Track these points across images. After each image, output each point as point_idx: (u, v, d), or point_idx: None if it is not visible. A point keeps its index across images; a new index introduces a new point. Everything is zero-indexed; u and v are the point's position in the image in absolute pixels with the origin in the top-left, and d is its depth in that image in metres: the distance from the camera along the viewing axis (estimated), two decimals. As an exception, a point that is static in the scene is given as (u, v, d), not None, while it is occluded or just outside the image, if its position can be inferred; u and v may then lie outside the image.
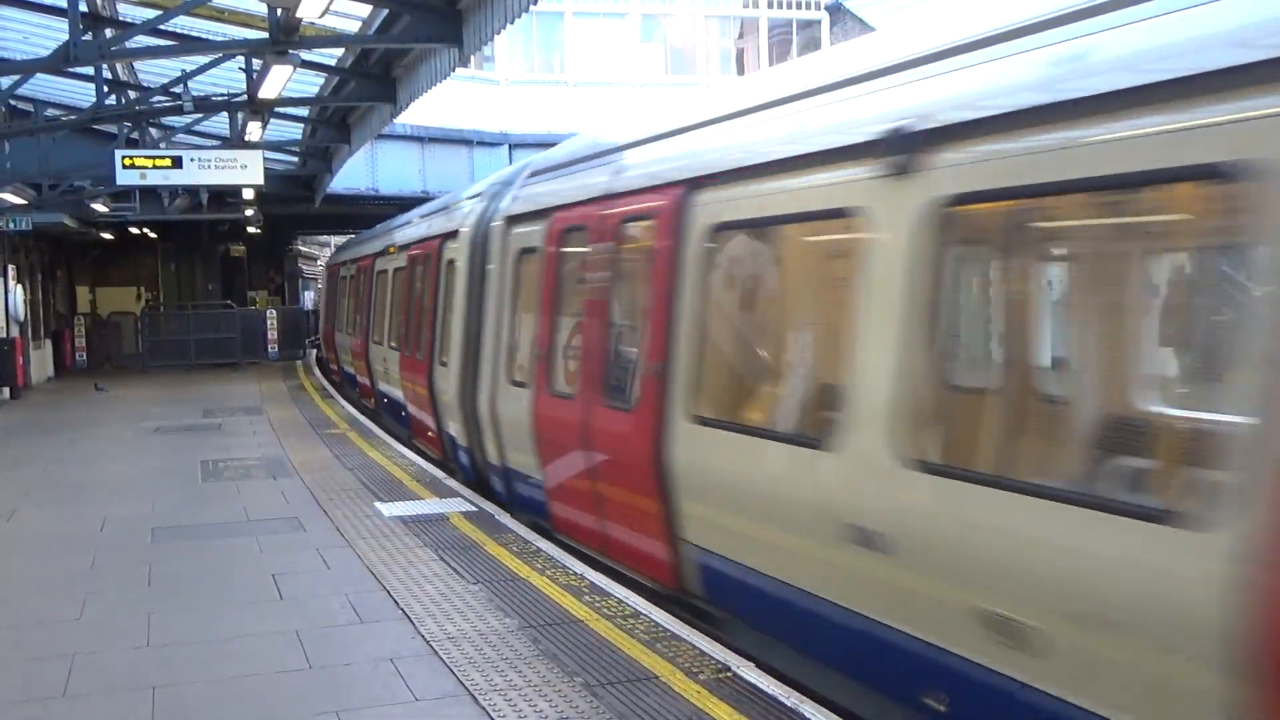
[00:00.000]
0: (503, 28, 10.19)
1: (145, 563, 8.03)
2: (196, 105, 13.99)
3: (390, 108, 14.88)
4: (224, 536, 8.87)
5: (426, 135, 29.34)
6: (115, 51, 11.11)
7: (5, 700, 5.35)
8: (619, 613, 6.47)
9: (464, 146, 30.47)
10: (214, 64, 13.82)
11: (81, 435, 15.74)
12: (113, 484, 11.63)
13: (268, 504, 10.19)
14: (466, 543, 8.32)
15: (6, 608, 7.00)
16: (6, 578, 7.79)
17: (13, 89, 14.51)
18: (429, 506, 9.80)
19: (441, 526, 8.93)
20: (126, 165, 14.61)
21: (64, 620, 6.65)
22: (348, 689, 5.37)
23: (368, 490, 10.66)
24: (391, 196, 30.08)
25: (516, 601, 6.72)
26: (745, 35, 34.13)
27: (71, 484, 11.75)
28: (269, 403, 19.51)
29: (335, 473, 11.77)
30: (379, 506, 9.81)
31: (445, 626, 6.25)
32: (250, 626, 6.42)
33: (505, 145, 31.10)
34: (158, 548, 8.57)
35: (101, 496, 10.88)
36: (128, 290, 32.44)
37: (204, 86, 15.45)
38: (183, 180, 15.17)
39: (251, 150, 15.51)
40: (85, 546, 8.65)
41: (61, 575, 7.79)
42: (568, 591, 6.94)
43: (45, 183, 20.33)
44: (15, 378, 20.75)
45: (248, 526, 9.23)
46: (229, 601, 6.96)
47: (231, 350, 28.70)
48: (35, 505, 10.56)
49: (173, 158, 14.81)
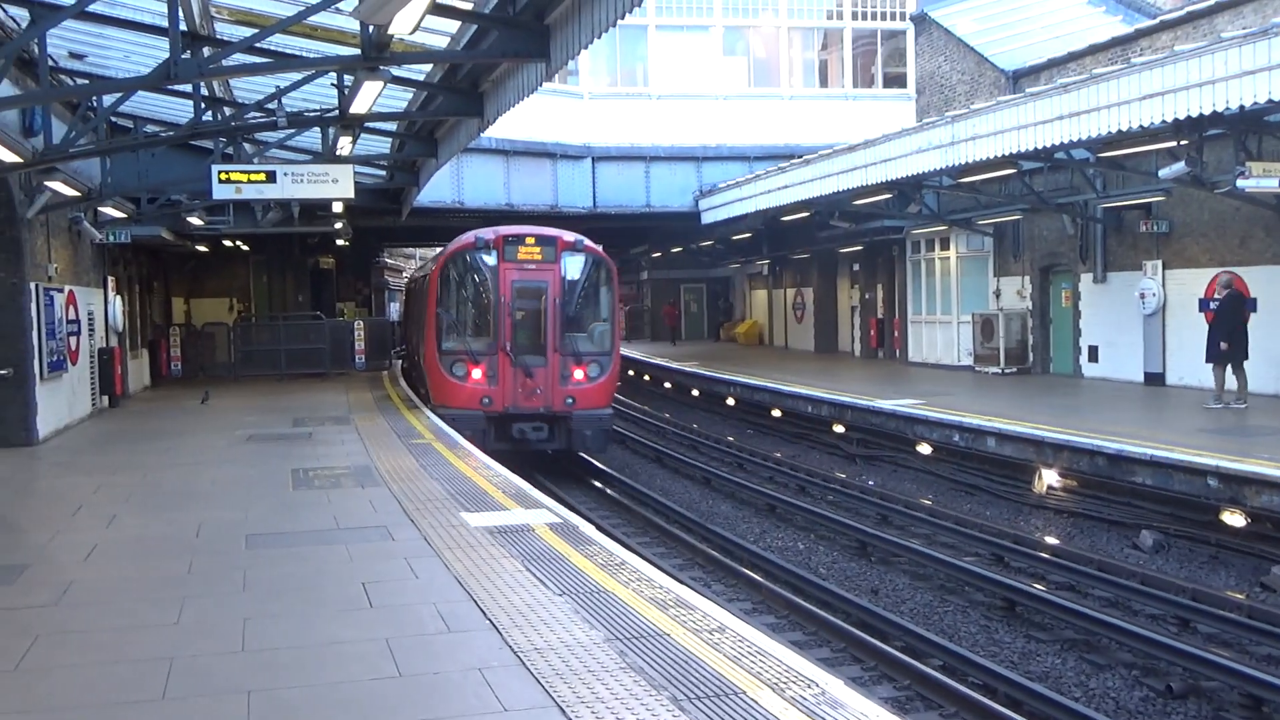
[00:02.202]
0: (589, 42, 10.26)
1: (240, 568, 8.20)
2: (290, 121, 14.25)
3: (478, 121, 15.05)
4: (315, 544, 9.03)
5: (511, 148, 29.65)
6: (213, 69, 11.39)
7: (107, 702, 5.50)
8: (704, 626, 6.45)
9: (547, 159, 30.73)
10: (307, 80, 14.11)
11: (177, 443, 16.15)
12: (208, 491, 11.91)
13: (357, 512, 10.35)
14: (552, 554, 8.36)
15: (108, 611, 7.21)
16: (108, 581, 8.02)
17: (114, 106, 14.96)
18: (514, 517, 9.87)
19: (527, 537, 8.99)
20: (222, 180, 14.93)
21: (163, 624, 6.82)
22: (438, 698, 5.42)
23: (454, 500, 10.77)
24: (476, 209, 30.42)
25: (602, 613, 6.74)
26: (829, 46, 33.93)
27: (169, 491, 12.05)
28: (357, 412, 19.82)
29: (422, 482, 11.92)
30: (465, 516, 9.90)
31: (532, 637, 6.28)
32: (342, 634, 6.52)
33: (588, 158, 31.31)
34: (252, 554, 8.75)
35: (197, 503, 11.15)
36: (221, 301, 33.24)
37: (297, 102, 15.76)
38: (276, 194, 15.48)
39: (342, 164, 15.78)
40: (183, 552, 8.86)
41: (160, 580, 7.99)
42: (653, 604, 6.94)
43: (144, 197, 20.93)
44: (115, 387, 21.36)
45: (338, 534, 9.38)
46: (321, 608, 7.08)
47: (320, 360, 29.22)
48: (135, 511, 10.86)
49: (266, 172, 15.10)
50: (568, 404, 18.37)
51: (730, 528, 15.21)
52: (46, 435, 16.63)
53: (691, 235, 36.94)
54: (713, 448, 22.51)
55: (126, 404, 22.31)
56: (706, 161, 31.99)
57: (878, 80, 33.67)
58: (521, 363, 18.25)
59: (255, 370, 28.82)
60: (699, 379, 29.72)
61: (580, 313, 18.78)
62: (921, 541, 13.89)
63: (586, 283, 18.77)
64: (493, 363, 18.35)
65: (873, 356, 32.28)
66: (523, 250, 18.44)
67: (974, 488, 17.04)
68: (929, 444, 18.31)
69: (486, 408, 18.25)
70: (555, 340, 18.31)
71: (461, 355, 18.51)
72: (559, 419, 18.48)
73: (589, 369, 18.59)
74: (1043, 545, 13.29)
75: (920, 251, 29.09)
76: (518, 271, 18.40)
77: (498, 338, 18.32)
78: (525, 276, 18.40)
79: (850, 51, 33.38)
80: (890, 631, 10.25)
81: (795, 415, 23.45)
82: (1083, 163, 19.66)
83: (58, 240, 18.16)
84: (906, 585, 12.26)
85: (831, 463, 20.24)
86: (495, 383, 18.32)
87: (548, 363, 18.32)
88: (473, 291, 19.01)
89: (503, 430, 18.35)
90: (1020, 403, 19.07)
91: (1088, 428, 15.41)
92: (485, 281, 18.56)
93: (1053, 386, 22.10)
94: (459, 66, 13.83)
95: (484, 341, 18.51)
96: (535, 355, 18.35)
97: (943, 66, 30.00)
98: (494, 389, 18.30)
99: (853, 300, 34.42)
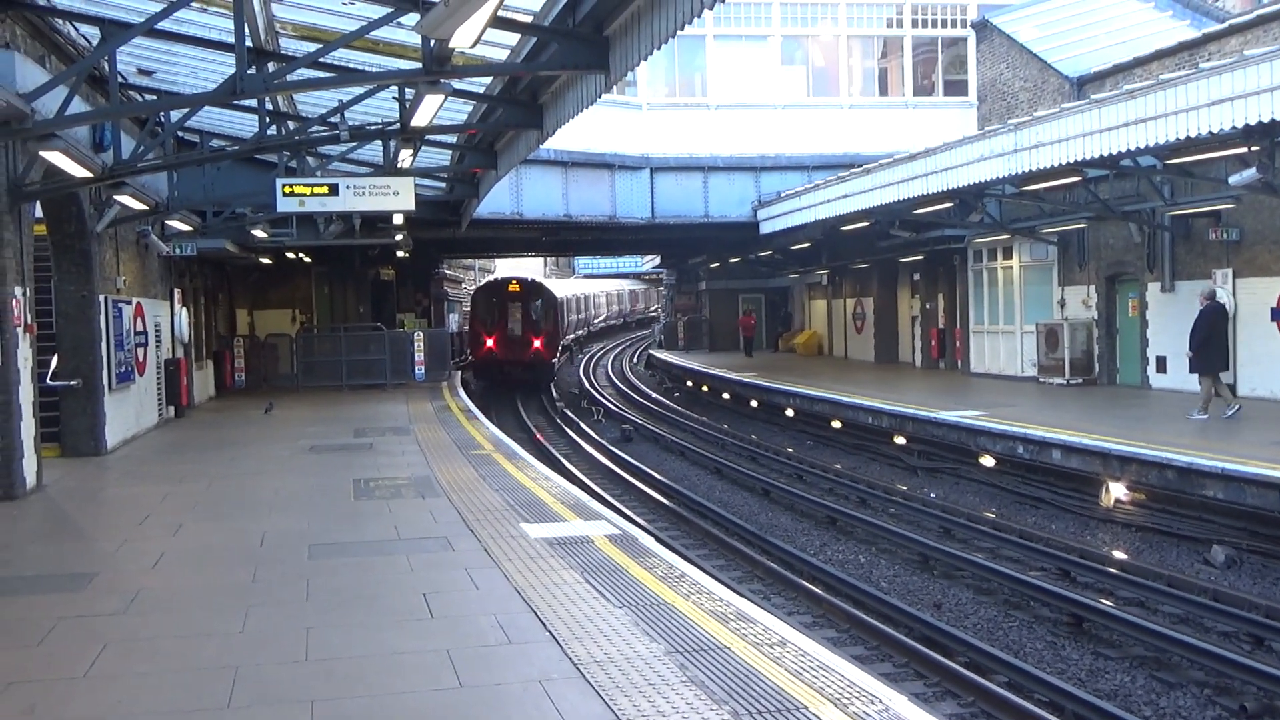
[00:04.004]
0: (649, 53, 10.28)
1: (303, 578, 8.30)
2: (352, 134, 14.45)
3: (537, 133, 15.15)
4: (376, 554, 9.11)
5: (569, 159, 29.78)
6: (278, 85, 11.57)
7: (174, 709, 5.58)
8: (765, 640, 6.41)
9: (605, 170, 30.83)
10: (369, 94, 14.30)
11: (241, 453, 16.40)
12: (271, 500, 12.08)
13: (417, 523, 10.43)
14: (611, 566, 8.37)
15: (174, 618, 7.32)
16: (174, 589, 8.15)
17: (181, 122, 15.26)
18: (573, 529, 9.89)
19: (586, 549, 9.00)
20: (286, 193, 15.17)
21: (228, 633, 6.92)
22: (499, 710, 5.44)
23: (513, 511, 10.82)
24: (535, 220, 30.61)
25: (662, 626, 6.72)
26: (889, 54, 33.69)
27: (233, 500, 12.24)
28: (417, 423, 20.00)
29: (481, 493, 11.99)
30: (525, 528, 9.94)
31: (592, 650, 6.28)
32: (404, 644, 6.56)
33: (646, 169, 31.36)
34: (314, 563, 8.85)
35: (261, 512, 11.31)
36: (283, 313, 33.73)
37: (359, 116, 15.99)
38: (339, 207, 15.69)
39: (403, 177, 15.96)
40: (247, 560, 8.99)
41: (225, 588, 8.11)
42: (713, 617, 6.91)
43: (209, 210, 21.31)
44: (181, 397, 21.75)
45: (399, 545, 9.46)
46: (383, 618, 7.14)
47: (381, 371, 29.53)
48: (200, 519, 11.04)
49: (329, 185, 15.32)
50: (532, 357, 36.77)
51: (790, 540, 15.12)
52: (114, 445, 16.97)
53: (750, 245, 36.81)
54: (772, 459, 22.39)
55: (192, 414, 22.71)
56: (765, 171, 31.90)
57: (938, 88, 33.36)
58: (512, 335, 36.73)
59: (317, 381, 29.21)
60: (757, 390, 29.61)
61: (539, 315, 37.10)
62: (985, 555, 13.71)
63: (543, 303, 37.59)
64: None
65: (934, 367, 31.96)
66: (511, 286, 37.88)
67: (1039, 501, 16.79)
68: (992, 456, 18.07)
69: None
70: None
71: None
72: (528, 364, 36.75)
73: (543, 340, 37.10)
74: (1110, 560, 13.06)
75: (983, 261, 28.76)
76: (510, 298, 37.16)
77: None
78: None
79: (910, 59, 33.13)
80: (954, 647, 10.12)
81: (855, 426, 23.27)
82: (1149, 170, 19.31)
83: (126, 253, 18.55)
84: (970, 600, 12.10)
85: (893, 475, 20.05)
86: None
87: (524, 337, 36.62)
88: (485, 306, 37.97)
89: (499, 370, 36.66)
90: (1086, 414, 18.78)
91: (1156, 440, 15.13)
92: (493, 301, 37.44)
93: (1119, 398, 21.74)
94: (519, 79, 13.94)
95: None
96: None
97: (1005, 74, 29.66)
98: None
99: (913, 310, 34.11)
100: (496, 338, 36.68)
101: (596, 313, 66.03)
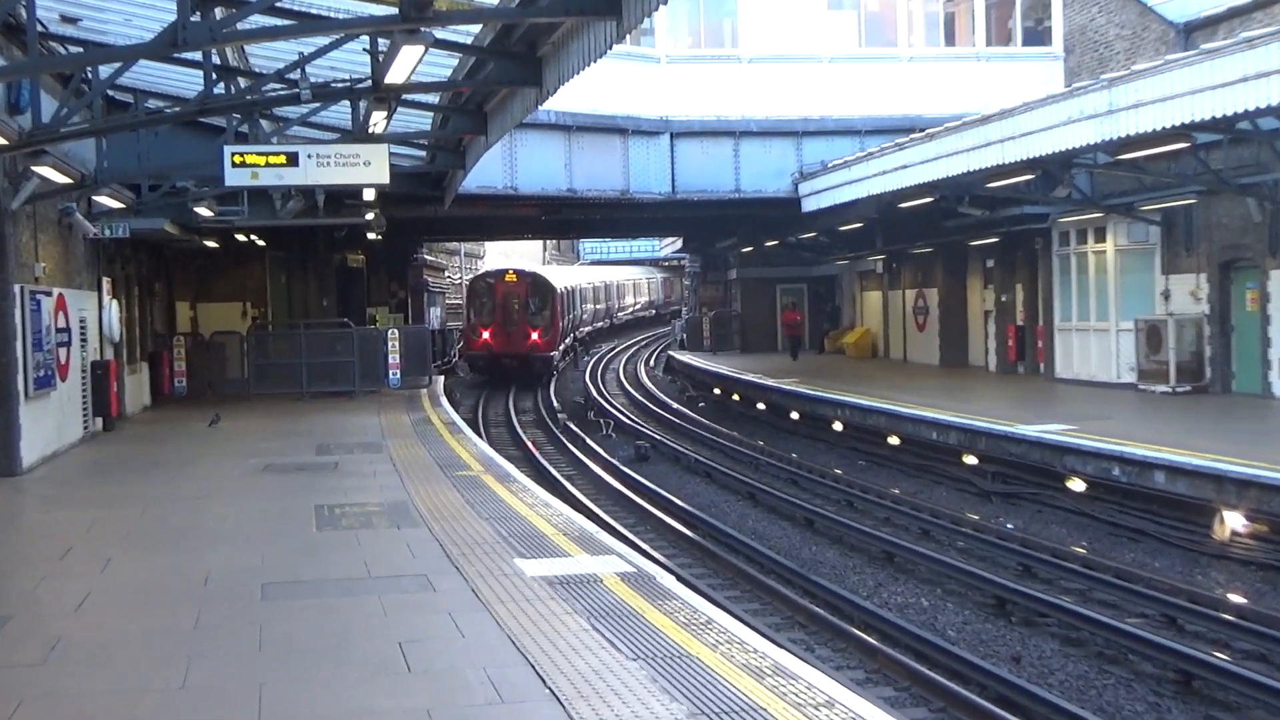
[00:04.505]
0: (669, -5, 10.26)
1: (255, 623, 8.32)
2: (315, 93, 14.48)
3: (535, 92, 15.15)
4: (343, 595, 9.13)
5: (574, 123, 29.81)
6: (228, 34, 11.59)
7: (103, 779, 5.60)
8: (809, 700, 6.39)
9: (617, 136, 30.86)
10: (335, 45, 14.30)
11: (182, 473, 16.45)
12: (218, 530, 12.11)
13: (392, 558, 10.45)
14: (624, 609, 8.37)
15: (103, 671, 7.34)
16: (103, 637, 8.17)
17: (113, 78, 15.31)
18: (578, 565, 9.90)
19: (594, 589, 9.00)
20: (236, 163, 15.20)
21: (167, 689, 6.93)
22: (489, 782, 5.44)
23: (507, 544, 10.83)
24: (532, 196, 30.66)
25: (685, 682, 6.71)
26: (957, -4, 33.70)
27: (173, 529, 12.28)
28: (391, 438, 20.05)
29: (469, 522, 12.01)
30: (520, 564, 9.95)
31: (601, 711, 6.28)
32: (374, 702, 6.57)
33: (666, 134, 31.38)
34: (269, 606, 8.87)
35: (206, 544, 11.34)
36: (232, 306, 33.81)
37: (323, 71, 16.01)
38: (298, 180, 15.73)
39: (376, 145, 15.99)
40: (188, 602, 9.01)
41: (162, 635, 8.13)
42: (746, 672, 6.90)
43: (145, 184, 21.39)
44: (110, 406, 21.81)
45: (370, 584, 9.48)
46: (350, 672, 7.15)
47: (348, 376, 29.60)
48: (133, 553, 11.07)
49: (288, 154, 15.35)
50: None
51: (838, 580, 15.09)
52: (32, 464, 17.04)
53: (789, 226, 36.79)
54: (816, 483, 22.37)
55: (123, 426, 22.80)
56: (808, 137, 31.86)
57: (1016, 37, 33.29)
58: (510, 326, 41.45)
59: (272, 388, 29.32)
60: (799, 399, 29.58)
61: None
62: (1074, 599, 13.66)
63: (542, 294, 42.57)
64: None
65: (1011, 371, 31.89)
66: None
67: (1138, 533, 16.72)
68: (1082, 479, 17.99)
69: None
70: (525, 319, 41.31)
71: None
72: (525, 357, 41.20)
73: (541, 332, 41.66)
74: (1225, 605, 12.99)
75: (1070, 244, 28.69)
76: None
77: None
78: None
79: (983, 2, 33.07)
80: (1036, 709, 10.08)
81: (917, 443, 23.19)
82: (1272, 134, 19.23)
83: (46, 235, 18.63)
84: (1056, 652, 12.06)
85: (962, 501, 20.01)
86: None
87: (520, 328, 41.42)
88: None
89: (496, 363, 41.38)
90: (1196, 428, 18.69)
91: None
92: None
93: (1236, 408, 21.63)
94: (513, 27, 13.93)
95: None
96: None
97: (1096, 19, 29.58)
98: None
99: (986, 303, 34.06)
100: (492, 330, 41.35)
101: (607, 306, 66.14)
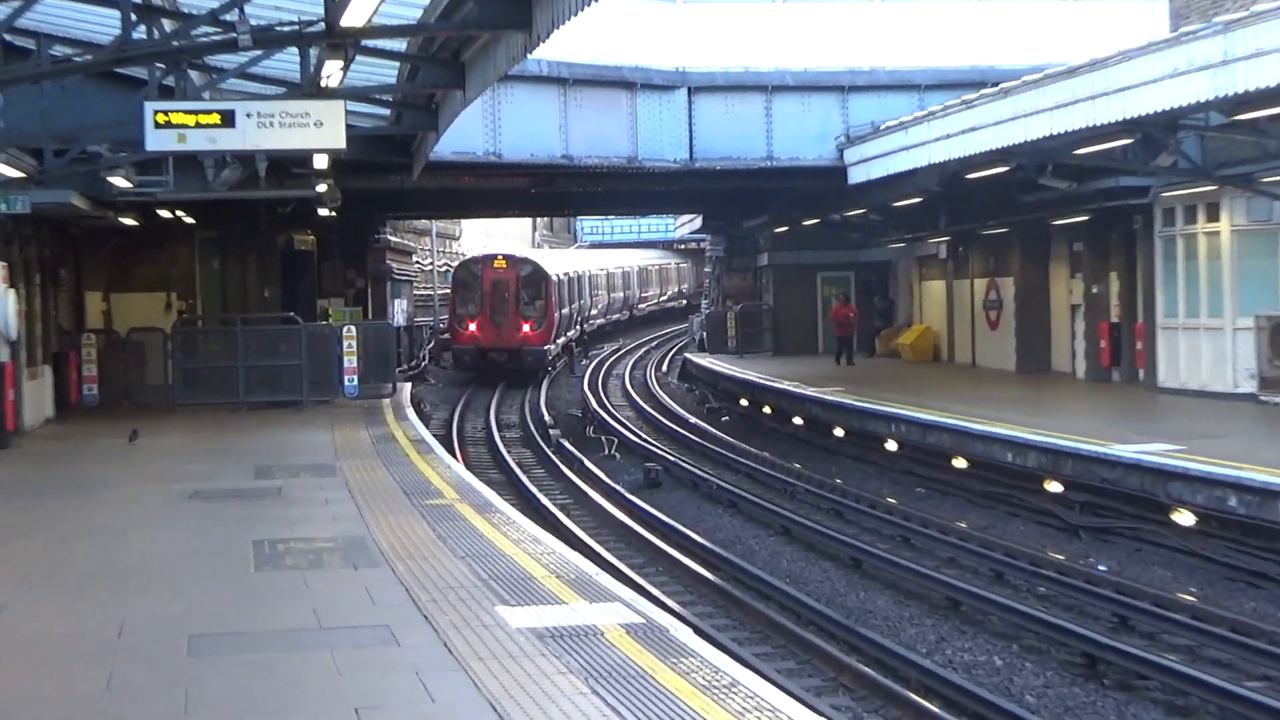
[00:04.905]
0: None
1: (180, 684, 8.29)
2: (255, 39, 14.48)
3: (523, 36, 15.15)
4: (287, 650, 9.11)
5: (570, 75, 29.85)
6: (148, -34, 11.63)
7: None
8: (857, 781, 6.38)
9: (623, 90, 30.90)
10: (280, -21, 14.37)
11: (93, 500, 16.44)
12: (135, 570, 12.09)
13: (347, 604, 10.43)
14: (629, 669, 8.34)
15: (-6, 742, 7.34)
16: (-5, 699, 8.17)
17: (10, 20, 15.35)
18: (574, 614, 9.88)
19: (593, 644, 8.98)
20: (160, 123, 15.19)
21: (71, 763, 6.93)
22: None
23: (487, 588, 10.81)
24: (520, 164, 30.72)
25: (705, 759, 6.71)
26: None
27: (81, 569, 12.26)
28: (347, 458, 20.04)
29: (440, 561, 11.98)
30: (503, 613, 9.93)
31: (602, 792, 6.27)
32: (325, 782, 6.56)
33: (683, 88, 31.41)
34: (196, 663, 8.84)
35: (120, 588, 11.32)
36: (155, 297, 33.74)
37: (265, 12, 16.02)
38: (235, 144, 15.73)
39: (329, 101, 15.98)
40: (98, 658, 8.99)
41: (68, 698, 8.11)
42: (779, 747, 6.89)
43: (49, 147, 21.38)
44: (4, 419, 21.79)
45: (320, 636, 9.46)
46: (295, 744, 7.14)
47: (295, 383, 29.50)
48: (33, 598, 11.05)
49: (222, 112, 15.33)
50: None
51: (891, 633, 15.07)
52: (-90, 488, 17.05)
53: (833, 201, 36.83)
54: (865, 514, 22.34)
55: (21, 443, 22.77)
56: (855, 92, 31.90)
57: (1111, -29, 33.30)
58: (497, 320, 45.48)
59: (202, 397, 29.24)
60: (844, 412, 29.55)
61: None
62: (1181, 657, 13.63)
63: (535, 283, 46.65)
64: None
65: (1104, 379, 31.83)
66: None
67: (1261, 577, 16.69)
68: (1191, 511, 17.94)
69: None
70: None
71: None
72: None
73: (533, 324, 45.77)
74: (1365, 665, 12.97)
75: (1176, 224, 28.63)
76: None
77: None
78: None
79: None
80: (1133, 791, 10.07)
81: (988, 467, 23.16)
82: None
83: (-72, 210, 18.65)
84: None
85: (1043, 538, 19.98)
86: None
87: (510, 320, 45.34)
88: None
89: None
90: (1329, 450, 18.65)
91: None
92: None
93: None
94: (498, -43, 13.96)
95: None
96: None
97: (1210, -51, 29.55)
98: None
99: (1073, 296, 34.01)
100: (479, 321, 45.17)
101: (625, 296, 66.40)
